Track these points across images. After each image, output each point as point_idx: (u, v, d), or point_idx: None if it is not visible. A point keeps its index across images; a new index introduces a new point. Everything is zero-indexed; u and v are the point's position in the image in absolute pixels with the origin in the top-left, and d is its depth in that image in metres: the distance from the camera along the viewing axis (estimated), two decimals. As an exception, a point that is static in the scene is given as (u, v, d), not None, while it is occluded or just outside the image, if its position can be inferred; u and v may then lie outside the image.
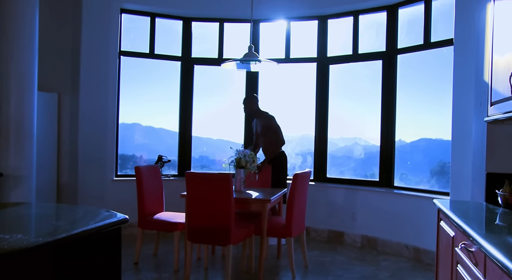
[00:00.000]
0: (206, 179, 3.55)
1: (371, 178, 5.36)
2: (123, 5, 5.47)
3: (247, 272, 4.02)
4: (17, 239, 1.45)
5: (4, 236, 1.48)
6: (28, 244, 1.40)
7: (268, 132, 4.80)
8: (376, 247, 4.93)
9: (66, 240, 1.53)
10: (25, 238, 1.47)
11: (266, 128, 4.80)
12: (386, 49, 5.14)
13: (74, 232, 1.59)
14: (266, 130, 4.81)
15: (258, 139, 4.99)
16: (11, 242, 1.42)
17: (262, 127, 4.81)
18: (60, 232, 1.56)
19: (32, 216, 2.01)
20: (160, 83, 6.06)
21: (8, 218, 1.94)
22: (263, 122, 4.81)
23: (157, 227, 4.16)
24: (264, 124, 4.80)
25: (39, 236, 1.51)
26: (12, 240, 1.45)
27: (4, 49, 3.90)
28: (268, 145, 4.82)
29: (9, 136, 3.90)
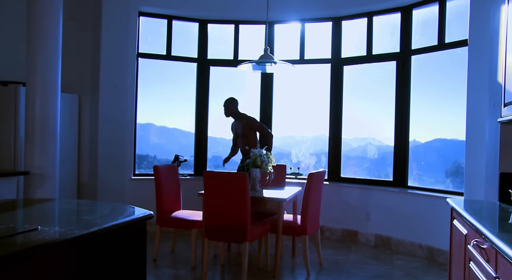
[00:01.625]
0: (223, 178, 3.65)
1: (385, 179, 5.40)
2: (141, 8, 5.61)
3: (263, 269, 4.11)
4: (56, 231, 1.57)
5: (44, 228, 1.60)
6: (66, 235, 1.51)
7: (254, 130, 4.92)
8: (390, 246, 4.97)
9: (99, 232, 1.65)
10: (62, 230, 1.59)
11: (250, 128, 4.93)
12: (400, 50, 5.17)
13: (105, 226, 1.70)
14: (250, 130, 4.94)
15: (238, 140, 5.09)
16: (50, 233, 1.53)
17: (244, 127, 4.91)
18: (93, 226, 1.68)
19: (64, 211, 2.14)
20: (175, 84, 6.19)
21: (44, 213, 2.07)
22: (245, 123, 4.91)
23: (175, 225, 4.27)
24: (247, 124, 4.90)
25: (74, 229, 1.62)
26: (51, 232, 1.56)
27: (31, 53, 4.06)
28: (264, 138, 4.94)
29: (34, 136, 4.05)
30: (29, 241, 1.47)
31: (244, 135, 4.97)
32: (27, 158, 4.09)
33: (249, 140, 4.97)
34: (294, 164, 6.04)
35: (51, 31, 4.10)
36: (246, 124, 4.93)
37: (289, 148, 6.23)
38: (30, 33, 4.09)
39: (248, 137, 4.96)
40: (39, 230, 1.60)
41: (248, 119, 4.95)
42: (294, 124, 6.23)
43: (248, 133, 4.94)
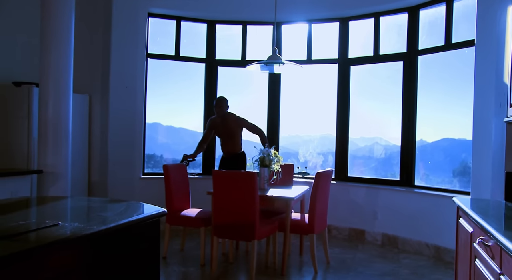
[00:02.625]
0: (232, 177, 3.72)
1: (392, 178, 5.43)
2: (150, 9, 5.69)
3: (271, 267, 4.17)
4: (76, 226, 1.64)
5: (64, 223, 1.67)
6: (86, 231, 1.58)
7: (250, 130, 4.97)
8: (396, 245, 5.01)
9: (116, 228, 1.72)
10: (81, 226, 1.66)
11: (240, 127, 4.98)
12: (407, 50, 5.21)
13: (122, 222, 1.77)
14: (239, 130, 4.98)
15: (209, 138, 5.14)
16: (71, 229, 1.61)
17: (234, 127, 4.95)
18: (110, 222, 1.75)
19: (81, 208, 2.21)
20: (182, 84, 6.25)
21: (61, 209, 2.15)
22: (234, 123, 4.94)
23: (184, 223, 4.35)
24: (237, 124, 4.95)
25: (93, 224, 1.69)
26: (71, 227, 1.63)
27: (44, 54, 4.15)
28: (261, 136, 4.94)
29: (47, 136, 4.14)
30: (51, 235, 1.54)
31: (232, 135, 4.99)
32: (40, 158, 4.18)
33: (236, 140, 5.03)
34: (301, 164, 6.09)
35: (64, 33, 4.19)
36: (236, 123, 4.94)
37: (296, 148, 6.28)
38: (43, 35, 4.18)
39: (235, 138, 5.02)
40: (60, 225, 1.67)
41: (239, 119, 4.98)
42: (301, 123, 6.28)
43: (237, 133, 4.99)
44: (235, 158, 5.05)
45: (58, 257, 1.50)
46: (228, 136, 5.00)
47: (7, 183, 3.70)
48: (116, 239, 1.78)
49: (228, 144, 5.03)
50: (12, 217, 1.90)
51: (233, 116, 4.98)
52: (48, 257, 1.47)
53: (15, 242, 1.49)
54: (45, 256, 1.47)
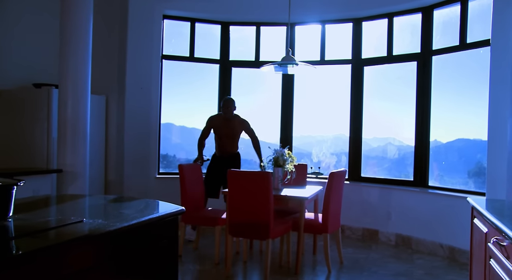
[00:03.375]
0: (246, 177, 3.77)
1: (405, 178, 5.42)
2: (165, 11, 5.78)
3: (284, 266, 4.21)
4: (100, 223, 1.71)
5: (88, 220, 1.74)
6: (110, 227, 1.65)
7: (249, 134, 5.09)
8: (410, 245, 5.01)
9: (137, 225, 1.78)
10: (105, 222, 1.72)
11: (242, 130, 5.06)
12: (421, 51, 5.20)
13: (143, 219, 1.83)
14: (240, 132, 5.07)
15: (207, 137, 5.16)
16: (95, 225, 1.67)
17: (237, 128, 5.03)
18: (132, 219, 1.81)
19: (103, 206, 2.29)
20: (195, 84, 6.31)
21: (84, 207, 2.22)
22: (239, 124, 5.04)
23: (199, 222, 4.41)
24: (241, 126, 5.04)
25: (116, 221, 1.75)
26: (95, 224, 1.70)
27: (63, 57, 4.25)
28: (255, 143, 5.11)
29: (66, 136, 4.24)
30: (78, 231, 1.61)
31: (234, 136, 5.08)
32: (60, 157, 4.28)
33: (236, 141, 5.12)
34: (314, 164, 6.12)
35: (82, 36, 4.29)
36: (240, 125, 5.03)
37: (309, 148, 6.31)
38: (62, 38, 4.29)
39: (236, 139, 5.10)
40: (85, 222, 1.74)
41: (244, 121, 5.08)
42: (314, 124, 6.30)
43: (239, 134, 5.08)
44: (231, 158, 5.14)
45: (83, 252, 1.57)
46: (229, 137, 5.08)
47: (29, 182, 3.80)
48: (137, 236, 1.85)
49: (227, 144, 5.10)
50: (38, 214, 1.98)
51: (238, 118, 5.07)
52: (74, 252, 1.53)
53: (43, 238, 1.57)
54: (72, 251, 1.53)
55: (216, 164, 5.14)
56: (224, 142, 5.11)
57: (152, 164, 5.72)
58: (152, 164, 5.72)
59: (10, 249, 1.46)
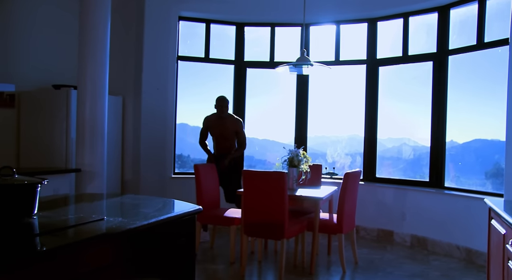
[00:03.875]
0: (262, 177, 3.79)
1: (421, 179, 5.38)
2: (181, 13, 5.85)
3: (299, 266, 4.23)
4: (120, 221, 1.75)
5: (109, 218, 1.79)
6: (130, 225, 1.69)
7: (238, 135, 5.03)
8: (426, 247, 4.97)
9: (157, 223, 1.82)
10: (125, 221, 1.77)
11: (236, 132, 5.00)
12: (437, 50, 5.16)
13: (161, 218, 1.88)
14: (235, 133, 5.00)
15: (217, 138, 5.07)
16: (116, 223, 1.72)
17: (231, 129, 4.98)
18: (151, 217, 1.85)
19: (123, 204, 2.34)
20: (210, 85, 6.35)
21: (104, 205, 2.28)
22: (232, 125, 4.98)
23: (215, 222, 4.46)
24: (234, 127, 4.99)
25: (136, 219, 1.80)
26: (116, 222, 1.75)
27: (81, 58, 4.34)
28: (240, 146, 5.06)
29: (84, 137, 4.33)
30: (99, 229, 1.65)
31: (227, 136, 5.00)
32: (78, 157, 4.37)
33: (231, 141, 5.04)
34: (329, 164, 6.11)
35: (100, 38, 4.37)
36: (233, 125, 4.97)
37: (324, 149, 6.30)
38: (81, 41, 4.38)
39: (230, 139, 5.02)
40: (105, 220, 1.79)
41: (237, 121, 5.02)
42: (329, 124, 6.30)
43: (232, 134, 5.00)
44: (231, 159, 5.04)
45: (103, 249, 1.61)
46: (223, 137, 5.02)
47: (49, 181, 3.89)
48: (155, 235, 1.89)
49: (224, 144, 5.05)
50: (61, 212, 2.04)
51: (232, 117, 5.04)
52: (95, 249, 1.58)
53: (67, 235, 1.62)
54: (93, 248, 1.58)
55: (216, 165, 5.02)
56: (220, 142, 5.07)
57: (168, 164, 5.79)
58: (168, 164, 5.79)
59: (35, 245, 1.51)
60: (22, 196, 1.71)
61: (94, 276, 1.60)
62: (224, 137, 5.02)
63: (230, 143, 5.06)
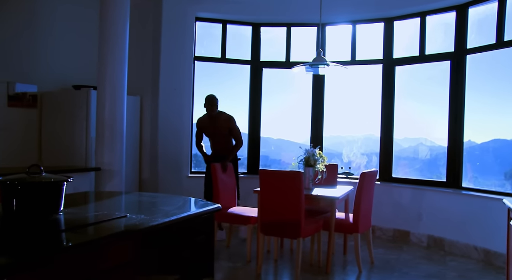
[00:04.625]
0: (278, 176, 3.82)
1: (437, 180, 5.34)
2: (197, 13, 5.92)
3: (315, 265, 4.25)
4: (142, 218, 1.81)
5: (132, 215, 1.85)
6: (153, 222, 1.74)
7: (232, 132, 4.97)
8: (443, 247, 4.94)
9: (178, 221, 1.87)
10: (148, 218, 1.82)
11: (229, 129, 4.95)
12: (454, 50, 5.11)
13: (182, 215, 1.93)
14: (229, 131, 4.95)
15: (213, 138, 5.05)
16: (139, 220, 1.78)
17: (224, 127, 4.93)
18: (172, 215, 1.90)
19: (143, 202, 2.40)
20: (226, 85, 6.40)
21: (125, 203, 2.34)
22: (225, 123, 4.94)
23: (231, 220, 4.50)
24: (227, 124, 4.94)
25: (158, 217, 1.85)
26: (139, 219, 1.80)
27: (101, 60, 4.44)
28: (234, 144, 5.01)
29: (104, 136, 4.43)
30: (123, 225, 1.71)
31: (221, 135, 4.96)
32: (98, 156, 4.47)
33: (226, 140, 4.99)
34: (345, 164, 6.11)
35: (119, 40, 4.46)
36: (225, 122, 4.93)
37: (339, 148, 6.30)
38: (101, 42, 4.48)
39: (224, 137, 4.97)
40: (128, 217, 1.85)
41: (229, 118, 4.97)
42: (345, 124, 6.29)
43: (225, 132, 4.95)
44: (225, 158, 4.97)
45: (126, 245, 1.67)
46: (219, 136, 4.99)
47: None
48: (176, 232, 1.94)
49: (219, 144, 5.02)
50: (85, 209, 2.11)
51: (224, 114, 4.99)
52: (119, 245, 1.64)
53: (92, 231, 1.68)
54: (117, 244, 1.64)
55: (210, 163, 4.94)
56: (215, 142, 5.05)
57: (185, 163, 5.86)
58: (185, 163, 5.86)
59: (61, 240, 1.57)
60: (49, 194, 1.78)
61: (117, 271, 1.65)
62: (218, 135, 5.00)
63: (225, 140, 5.02)
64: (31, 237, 1.54)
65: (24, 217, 1.73)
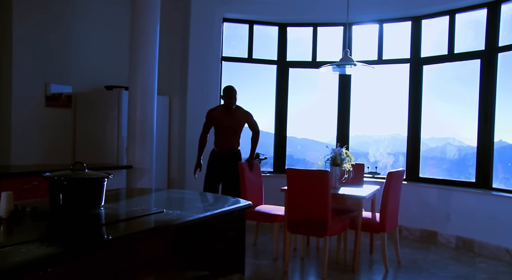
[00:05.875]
0: (306, 175, 3.87)
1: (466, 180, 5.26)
2: (225, 14, 6.01)
3: (341, 263, 4.27)
4: (179, 214, 1.90)
5: (168, 211, 1.94)
6: (189, 217, 1.83)
7: (251, 125, 4.78)
8: (472, 249, 4.87)
9: (212, 216, 1.95)
10: (182, 213, 1.91)
11: (248, 122, 4.73)
12: (485, 48, 5.02)
13: (216, 211, 2.00)
14: (243, 124, 4.72)
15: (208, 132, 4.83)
16: (176, 215, 1.86)
17: (242, 120, 4.69)
18: (206, 211, 1.98)
19: (177, 199, 2.50)
20: (252, 84, 6.47)
21: (160, 199, 2.44)
22: (242, 117, 4.70)
23: (258, 218, 4.57)
24: (244, 119, 4.72)
25: (193, 213, 1.93)
26: (175, 214, 1.89)
27: (132, 61, 4.58)
28: (255, 136, 4.83)
29: (135, 135, 4.57)
30: (162, 220, 1.80)
31: (236, 130, 4.70)
32: (129, 154, 4.62)
33: (238, 136, 4.74)
34: (371, 164, 6.09)
35: (150, 42, 4.59)
36: (243, 117, 4.70)
37: (365, 148, 6.28)
38: (132, 44, 4.62)
39: (238, 133, 4.72)
40: (165, 212, 1.93)
41: (247, 113, 4.75)
42: (371, 123, 6.26)
43: (241, 127, 4.71)
44: (231, 156, 4.77)
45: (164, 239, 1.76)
46: (232, 130, 4.70)
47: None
48: (210, 227, 2.02)
49: (228, 140, 4.73)
50: (123, 204, 2.21)
51: (241, 109, 4.75)
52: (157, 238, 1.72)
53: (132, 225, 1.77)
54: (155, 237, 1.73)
55: (215, 162, 4.80)
56: (225, 137, 4.72)
57: (212, 161, 5.96)
58: (212, 162, 5.96)
59: (102, 234, 1.67)
60: (92, 189, 1.89)
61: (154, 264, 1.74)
62: (231, 131, 4.70)
63: (235, 137, 4.76)
64: (78, 229, 1.64)
65: (69, 210, 1.84)
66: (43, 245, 1.39)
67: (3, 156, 4.64)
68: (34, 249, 1.32)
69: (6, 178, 3.24)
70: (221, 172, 4.79)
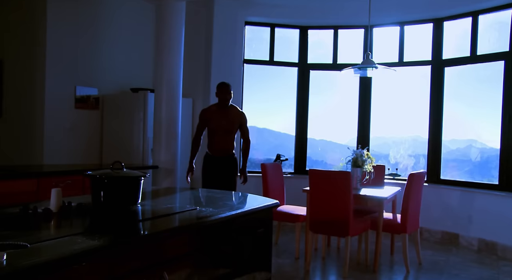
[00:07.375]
0: (327, 176, 3.95)
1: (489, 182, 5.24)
2: (247, 18, 6.12)
3: (362, 264, 4.32)
4: (211, 211, 2.00)
5: (201, 208, 2.05)
6: (221, 214, 1.93)
7: (242, 129, 4.44)
8: (495, 252, 4.85)
9: (243, 214, 2.05)
10: (215, 210, 2.01)
11: (241, 125, 4.40)
12: (509, 49, 5.00)
13: (246, 209, 2.11)
14: (238, 127, 4.39)
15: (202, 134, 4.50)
16: (208, 212, 1.97)
17: (235, 122, 4.36)
18: (237, 208, 2.09)
19: (208, 197, 2.61)
20: (274, 86, 6.55)
21: (192, 198, 2.56)
22: (237, 117, 4.38)
23: (280, 218, 4.66)
24: (239, 119, 4.39)
25: (225, 210, 2.04)
26: (207, 211, 2.00)
27: (158, 64, 4.74)
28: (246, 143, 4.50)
29: (161, 136, 4.72)
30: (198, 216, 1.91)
31: (231, 130, 4.37)
32: (155, 155, 4.77)
33: (233, 137, 4.41)
34: (392, 165, 6.10)
35: (175, 45, 4.74)
36: (238, 117, 4.38)
37: (386, 150, 6.30)
38: (157, 48, 4.78)
39: (232, 134, 4.38)
40: (198, 209, 2.04)
41: (242, 113, 4.44)
42: (392, 125, 6.28)
43: (235, 128, 4.38)
44: (226, 161, 4.46)
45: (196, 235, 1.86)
46: (225, 131, 4.35)
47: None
48: (241, 223, 2.12)
49: (222, 141, 4.38)
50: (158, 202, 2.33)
51: (236, 108, 4.45)
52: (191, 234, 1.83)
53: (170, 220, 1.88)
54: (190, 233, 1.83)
55: (210, 166, 4.49)
56: (218, 137, 4.37)
57: (233, 162, 6.07)
58: (233, 163, 6.07)
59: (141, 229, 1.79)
60: (131, 187, 2.01)
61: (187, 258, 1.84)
62: (225, 131, 4.35)
63: (230, 139, 4.41)
64: (119, 224, 1.76)
65: (109, 207, 1.97)
66: (87, 238, 1.50)
67: (37, 156, 4.85)
68: (85, 240, 1.44)
69: (43, 177, 3.41)
70: (217, 179, 4.45)
